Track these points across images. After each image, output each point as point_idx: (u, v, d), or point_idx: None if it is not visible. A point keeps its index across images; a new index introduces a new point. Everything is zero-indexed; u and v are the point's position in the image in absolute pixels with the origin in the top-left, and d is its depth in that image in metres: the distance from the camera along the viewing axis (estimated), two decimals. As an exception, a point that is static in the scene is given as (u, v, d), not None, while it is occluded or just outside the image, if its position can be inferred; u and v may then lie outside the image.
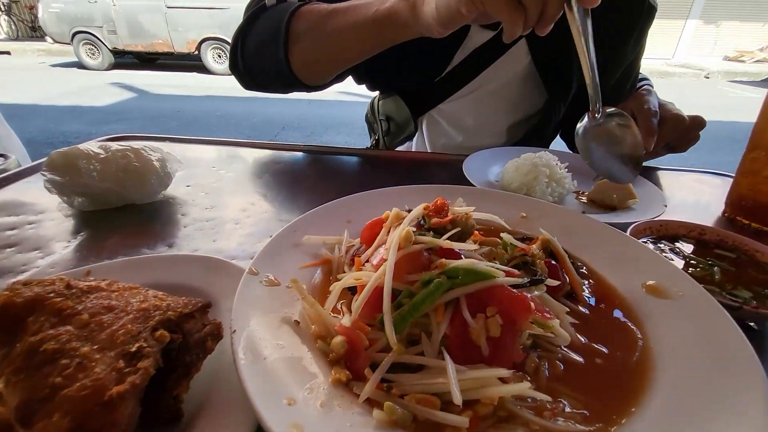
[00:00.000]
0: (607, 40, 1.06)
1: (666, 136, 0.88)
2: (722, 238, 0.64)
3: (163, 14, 9.00)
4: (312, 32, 0.85)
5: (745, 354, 0.39)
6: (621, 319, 0.48)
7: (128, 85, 7.91)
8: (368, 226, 0.53)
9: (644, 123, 0.86)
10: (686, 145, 0.93)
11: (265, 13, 0.94)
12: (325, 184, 0.92)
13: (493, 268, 0.43)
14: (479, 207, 0.70)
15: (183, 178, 0.88)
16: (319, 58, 0.90)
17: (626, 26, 1.08)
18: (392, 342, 0.38)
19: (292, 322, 0.44)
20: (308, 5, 0.88)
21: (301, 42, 0.88)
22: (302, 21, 0.86)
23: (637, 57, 1.18)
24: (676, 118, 0.88)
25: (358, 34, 0.81)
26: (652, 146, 0.86)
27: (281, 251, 0.54)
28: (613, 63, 1.11)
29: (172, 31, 9.14)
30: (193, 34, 9.07)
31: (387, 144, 1.58)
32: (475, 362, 0.39)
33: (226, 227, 0.71)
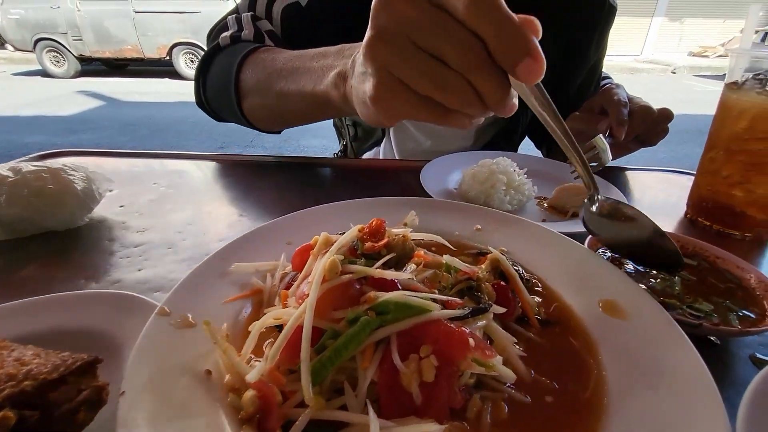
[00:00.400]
0: (570, 43, 1.05)
1: (635, 129, 0.87)
2: (683, 244, 0.61)
3: (131, 19, 8.72)
4: (260, 92, 0.84)
5: (704, 384, 0.35)
6: (575, 345, 0.44)
7: (96, 92, 7.62)
8: (299, 252, 0.48)
9: (615, 113, 0.85)
10: (656, 138, 0.92)
11: (219, 55, 0.94)
12: (278, 198, 0.86)
13: (428, 301, 0.38)
14: (434, 219, 0.66)
15: (117, 197, 0.81)
16: (270, 116, 0.91)
17: (588, 28, 1.07)
18: (307, 397, 0.33)
19: (203, 372, 0.38)
20: (254, 55, 0.86)
21: (251, 98, 0.87)
22: (250, 75, 0.84)
23: (600, 57, 1.17)
24: (645, 110, 0.87)
25: (302, 104, 0.78)
26: (623, 136, 0.84)
27: (204, 284, 0.48)
28: (576, 67, 1.11)
29: (141, 36, 8.86)
30: (164, 39, 8.82)
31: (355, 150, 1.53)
32: (407, 413, 0.34)
33: (157, 253, 0.65)
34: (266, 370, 0.36)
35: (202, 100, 1.01)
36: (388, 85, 0.43)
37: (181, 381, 0.37)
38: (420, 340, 0.36)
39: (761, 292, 0.53)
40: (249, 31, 0.92)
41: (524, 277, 0.53)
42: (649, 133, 0.90)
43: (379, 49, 0.42)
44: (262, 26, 0.94)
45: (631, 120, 0.86)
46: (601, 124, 0.86)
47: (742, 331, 0.46)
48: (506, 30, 0.36)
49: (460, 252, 0.59)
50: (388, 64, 0.42)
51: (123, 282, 0.58)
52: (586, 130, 0.90)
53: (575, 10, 1.03)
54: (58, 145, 5.18)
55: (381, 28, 0.41)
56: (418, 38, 0.39)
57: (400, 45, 0.40)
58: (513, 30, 0.36)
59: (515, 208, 0.76)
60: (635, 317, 0.45)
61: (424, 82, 0.41)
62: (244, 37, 0.92)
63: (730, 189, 0.71)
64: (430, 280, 0.47)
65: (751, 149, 0.66)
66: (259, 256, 0.54)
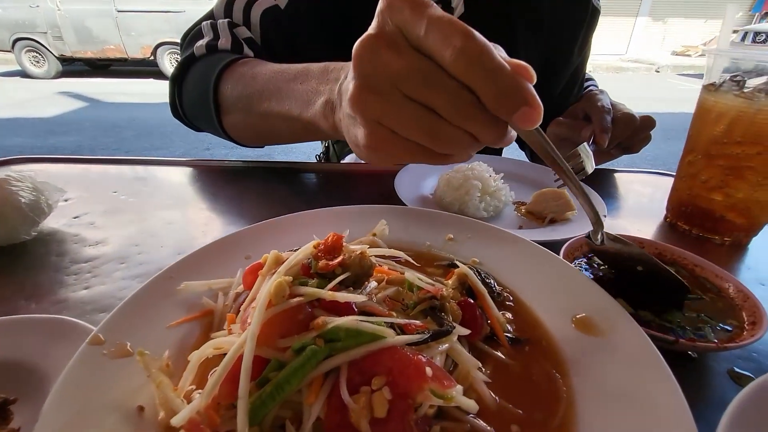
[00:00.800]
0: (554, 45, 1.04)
1: (618, 136, 0.86)
2: (660, 251, 0.59)
3: (114, 18, 8.52)
4: (242, 110, 0.78)
5: (678, 413, 0.33)
6: (546, 367, 0.41)
7: (78, 93, 7.43)
8: (249, 271, 0.44)
9: (598, 120, 0.84)
10: (638, 145, 0.91)
11: (195, 65, 0.88)
12: (248, 206, 0.82)
13: (382, 326, 0.35)
14: (405, 228, 0.63)
15: (71, 208, 0.76)
16: (254, 135, 0.86)
17: (571, 32, 1.07)
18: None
19: (135, 409, 0.35)
20: (233, 68, 0.80)
21: (232, 115, 0.82)
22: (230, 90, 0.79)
23: (584, 60, 1.17)
24: (628, 118, 0.86)
25: (290, 127, 0.73)
26: (606, 143, 0.83)
27: (148, 306, 0.44)
28: (559, 69, 1.10)
29: (124, 36, 8.67)
30: (148, 38, 8.64)
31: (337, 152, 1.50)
32: (357, 452, 0.31)
33: (108, 269, 0.60)
34: (202, 407, 0.32)
35: (177, 109, 0.95)
36: (380, 136, 0.41)
37: (108, 421, 0.33)
38: (373, 370, 0.33)
39: (740, 302, 0.51)
40: (226, 39, 0.86)
41: (495, 291, 0.50)
42: (631, 141, 0.89)
43: (367, 101, 0.39)
44: (239, 34, 0.88)
45: (614, 127, 0.86)
46: (585, 130, 0.85)
47: (719, 347, 0.44)
48: (499, 81, 0.34)
49: (430, 264, 0.56)
50: (377, 116, 0.40)
51: (67, 302, 0.54)
52: (570, 136, 0.89)
53: (559, 12, 1.02)
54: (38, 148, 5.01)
55: (367, 78, 0.39)
56: (406, 89, 0.37)
57: (388, 96, 0.38)
58: (506, 81, 0.34)
59: (491, 214, 0.73)
60: (610, 335, 0.42)
61: (417, 133, 0.39)
62: (220, 46, 0.86)
63: (709, 193, 0.69)
64: (392, 299, 0.44)
65: (729, 153, 0.65)
66: (214, 274, 0.50)
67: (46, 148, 4.72)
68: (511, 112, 0.34)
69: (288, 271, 0.39)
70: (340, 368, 0.33)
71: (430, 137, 0.39)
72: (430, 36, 0.34)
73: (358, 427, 0.31)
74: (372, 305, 0.39)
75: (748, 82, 0.62)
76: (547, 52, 1.05)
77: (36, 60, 8.75)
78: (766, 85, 0.60)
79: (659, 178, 1.01)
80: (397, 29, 0.36)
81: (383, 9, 0.36)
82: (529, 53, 1.03)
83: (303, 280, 0.39)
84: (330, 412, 0.32)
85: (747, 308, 0.49)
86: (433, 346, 0.37)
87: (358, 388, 0.32)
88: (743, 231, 0.69)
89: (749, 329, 0.46)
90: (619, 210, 0.85)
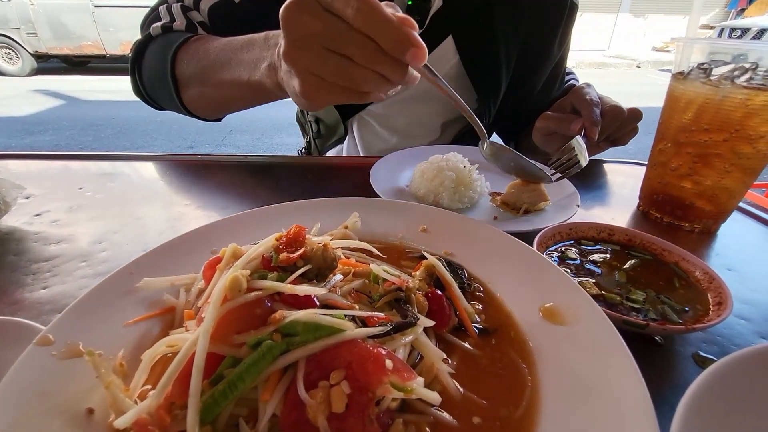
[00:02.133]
0: (533, 40, 1.04)
1: (606, 129, 0.86)
2: (630, 237, 0.60)
3: (91, 14, 8.27)
4: (198, 83, 0.86)
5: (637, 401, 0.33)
6: (512, 356, 0.40)
7: (55, 91, 7.19)
8: (208, 265, 0.43)
9: (588, 114, 0.84)
10: (626, 138, 0.91)
11: (152, 45, 0.93)
12: (219, 202, 0.80)
13: (342, 319, 0.34)
14: (378, 220, 0.62)
15: (33, 205, 0.73)
16: (210, 105, 0.92)
17: (551, 26, 1.07)
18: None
19: (84, 412, 0.33)
20: (187, 45, 0.86)
21: (190, 89, 0.88)
22: (186, 66, 0.85)
23: (563, 55, 1.17)
24: (615, 110, 0.86)
25: (241, 92, 0.80)
26: (596, 136, 0.83)
27: (105, 304, 0.42)
28: (540, 64, 1.10)
29: (102, 31, 8.41)
30: (127, 34, 8.40)
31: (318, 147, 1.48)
32: (314, 448, 0.30)
33: (68, 267, 0.58)
34: (153, 407, 0.31)
35: (139, 89, 0.99)
36: (312, 83, 0.52)
37: (54, 425, 0.32)
38: (332, 364, 0.32)
39: (705, 284, 0.52)
40: (180, 22, 0.90)
41: (466, 282, 0.50)
42: (619, 133, 0.90)
43: (296, 56, 0.51)
44: (193, 17, 0.92)
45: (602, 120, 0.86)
46: (575, 124, 0.84)
47: (688, 329, 0.44)
48: (390, 31, 0.45)
49: (402, 256, 0.56)
50: (306, 67, 0.51)
51: (23, 303, 0.51)
52: (558, 129, 0.89)
53: (537, 7, 1.02)
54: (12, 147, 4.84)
55: (294, 38, 0.50)
56: (325, 43, 0.48)
57: (312, 51, 0.49)
58: (395, 30, 0.45)
59: (467, 206, 0.72)
60: (575, 323, 0.42)
61: (339, 77, 0.50)
62: (175, 27, 0.90)
63: (679, 181, 0.70)
64: (358, 292, 0.43)
65: (697, 140, 0.65)
66: (178, 270, 0.49)
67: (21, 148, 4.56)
68: (403, 53, 0.46)
69: (247, 264, 0.38)
70: (298, 363, 0.32)
71: (350, 80, 0.49)
72: (336, 1, 0.46)
73: (316, 423, 0.30)
74: (335, 298, 0.38)
75: (714, 71, 0.63)
76: (527, 46, 1.05)
77: (9, 57, 8.43)
78: (731, 73, 0.61)
79: (633, 167, 1.02)
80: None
81: None
82: (508, 47, 1.03)
83: (263, 273, 0.38)
84: (287, 409, 0.31)
85: (713, 290, 0.49)
86: (396, 338, 0.37)
87: (317, 384, 0.32)
88: (712, 218, 0.70)
89: (715, 310, 0.46)
90: (593, 199, 0.85)
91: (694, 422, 0.31)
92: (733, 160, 0.63)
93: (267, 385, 0.31)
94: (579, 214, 0.69)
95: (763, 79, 0.59)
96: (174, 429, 0.30)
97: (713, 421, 0.33)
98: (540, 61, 1.10)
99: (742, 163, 0.64)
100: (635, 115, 0.89)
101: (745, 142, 0.62)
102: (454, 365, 0.39)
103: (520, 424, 0.34)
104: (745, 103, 0.60)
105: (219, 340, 0.33)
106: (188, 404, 0.30)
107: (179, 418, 0.31)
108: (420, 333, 0.38)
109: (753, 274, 0.62)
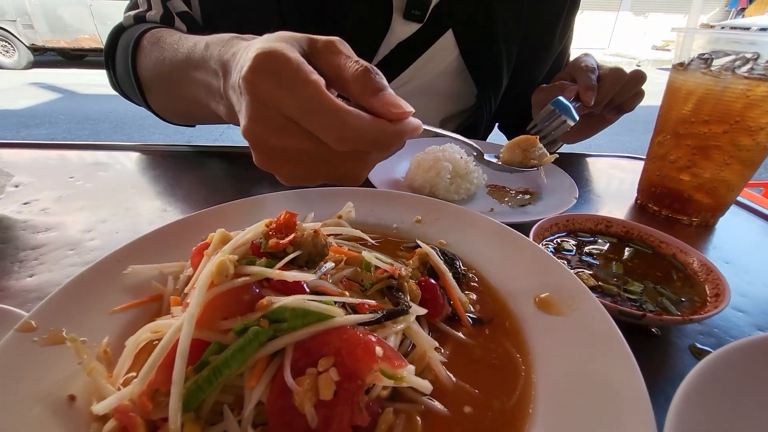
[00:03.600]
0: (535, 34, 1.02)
1: (606, 93, 0.81)
2: (628, 229, 0.59)
3: (88, 6, 8.19)
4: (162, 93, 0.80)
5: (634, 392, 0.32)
6: (506, 346, 0.40)
7: (51, 85, 7.13)
8: (197, 251, 0.42)
9: (582, 79, 0.81)
10: (632, 102, 0.86)
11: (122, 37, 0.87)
12: (210, 191, 0.79)
13: (331, 306, 0.33)
14: (373, 210, 0.61)
15: (22, 193, 0.72)
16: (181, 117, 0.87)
17: (552, 18, 1.05)
18: (173, 428, 0.27)
19: (65, 398, 0.32)
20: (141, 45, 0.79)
21: (154, 96, 0.83)
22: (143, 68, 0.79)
23: (566, 47, 1.16)
24: (615, 72, 0.82)
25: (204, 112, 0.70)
26: (592, 101, 0.80)
27: (90, 291, 0.41)
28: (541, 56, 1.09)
29: (99, 24, 8.34)
30: (124, 28, 8.33)
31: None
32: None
33: (56, 255, 0.57)
34: (135, 394, 0.30)
35: (116, 83, 0.94)
36: (268, 157, 0.48)
37: (33, 411, 0.31)
38: (320, 351, 0.31)
39: (703, 276, 0.51)
40: (156, 11, 0.84)
41: (461, 271, 0.49)
42: (622, 97, 0.84)
43: (256, 128, 0.46)
44: (173, 7, 0.85)
45: (602, 84, 0.82)
46: (568, 91, 0.81)
47: (685, 320, 0.44)
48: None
49: (396, 247, 0.55)
50: (265, 138, 0.46)
51: (8, 290, 0.50)
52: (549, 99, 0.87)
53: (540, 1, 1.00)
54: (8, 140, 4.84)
55: (255, 109, 0.45)
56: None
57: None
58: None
59: (463, 197, 0.72)
60: (571, 314, 0.41)
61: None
62: (149, 17, 0.85)
63: (678, 174, 0.69)
64: (350, 280, 0.42)
65: (697, 132, 0.64)
66: (168, 258, 0.48)
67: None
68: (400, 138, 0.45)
69: (235, 250, 0.37)
70: (285, 350, 0.31)
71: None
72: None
73: (302, 410, 0.29)
74: (325, 285, 0.37)
75: (715, 61, 0.62)
76: (527, 38, 1.04)
77: (5, 49, 8.36)
78: (732, 64, 0.60)
79: (631, 162, 1.02)
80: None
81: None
82: (508, 40, 1.02)
83: (251, 259, 0.37)
84: (273, 396, 0.30)
85: (710, 281, 0.49)
86: (388, 325, 0.36)
87: (305, 371, 0.31)
88: (710, 211, 0.69)
89: (712, 301, 0.46)
90: (590, 193, 0.84)
91: (690, 413, 0.31)
92: (733, 152, 0.63)
93: (253, 371, 0.31)
94: (576, 207, 0.68)
95: (764, 70, 0.58)
96: (156, 416, 0.29)
97: (709, 412, 0.32)
98: (541, 53, 1.09)
99: (742, 156, 0.63)
100: (638, 77, 0.83)
101: (745, 134, 0.61)
102: (446, 354, 0.38)
103: (512, 414, 0.33)
104: (746, 94, 0.59)
105: (204, 326, 0.32)
106: (171, 391, 0.29)
107: (162, 404, 0.30)
108: (412, 321, 0.37)
109: (750, 267, 0.61)
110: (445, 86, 1.06)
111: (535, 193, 0.75)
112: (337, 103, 0.41)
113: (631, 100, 0.85)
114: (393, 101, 0.43)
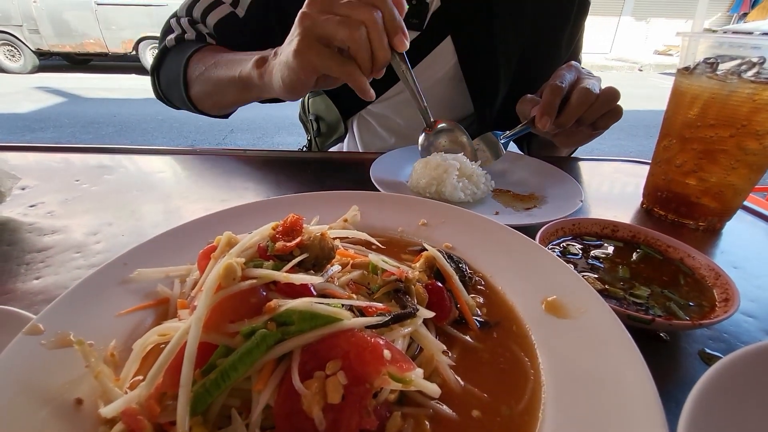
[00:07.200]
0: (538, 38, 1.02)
1: (572, 113, 0.78)
2: (634, 233, 0.59)
3: (93, 12, 8.27)
4: (201, 80, 0.93)
5: (645, 396, 0.31)
6: (514, 350, 0.39)
7: (56, 89, 7.19)
8: (203, 254, 0.42)
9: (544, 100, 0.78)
10: (605, 122, 0.81)
11: (169, 54, 1.02)
12: (217, 195, 0.79)
13: (339, 308, 0.33)
14: (379, 214, 0.61)
15: (29, 196, 0.72)
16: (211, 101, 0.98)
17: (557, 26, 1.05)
18: (181, 431, 0.27)
19: (72, 401, 0.32)
20: (200, 53, 0.94)
21: (194, 87, 0.96)
22: (193, 68, 0.94)
23: (575, 53, 1.15)
24: (582, 93, 0.77)
25: (231, 88, 0.87)
26: (546, 126, 0.77)
27: (97, 294, 0.41)
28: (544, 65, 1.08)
29: (104, 29, 8.42)
30: (129, 33, 8.41)
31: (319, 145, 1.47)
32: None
33: (62, 258, 0.57)
34: (143, 397, 0.30)
35: (160, 94, 1.09)
36: (308, 41, 0.64)
37: (39, 414, 0.31)
38: (328, 354, 0.31)
39: (711, 280, 0.50)
40: (191, 33, 0.99)
41: (467, 275, 0.49)
42: (593, 117, 0.79)
43: (306, 15, 0.64)
44: (201, 29, 1.00)
45: (567, 105, 0.78)
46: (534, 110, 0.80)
47: (695, 324, 0.43)
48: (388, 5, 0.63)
49: (402, 250, 0.55)
50: (312, 25, 0.63)
51: (15, 293, 0.50)
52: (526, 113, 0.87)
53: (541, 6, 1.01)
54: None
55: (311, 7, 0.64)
56: (337, 10, 0.62)
57: (323, 9, 0.63)
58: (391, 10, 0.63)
59: (469, 200, 0.71)
60: (579, 317, 0.41)
61: (338, 32, 0.62)
62: (187, 38, 1.00)
63: (684, 178, 0.69)
64: (357, 283, 0.42)
65: (703, 136, 0.64)
66: (174, 261, 0.48)
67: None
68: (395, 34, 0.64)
69: (242, 253, 0.37)
70: (293, 353, 0.31)
71: (346, 38, 0.61)
72: None
73: (311, 414, 0.29)
74: (332, 288, 0.37)
75: (721, 66, 0.62)
76: (530, 44, 1.03)
77: (11, 54, 8.45)
78: (738, 68, 0.60)
79: (636, 166, 1.01)
80: None
81: None
82: (508, 47, 1.01)
83: (258, 261, 0.37)
84: (281, 399, 0.30)
85: (719, 286, 0.48)
86: (395, 329, 0.36)
87: (313, 374, 0.30)
88: (717, 215, 0.69)
89: (721, 306, 0.45)
90: (596, 197, 0.84)
91: (702, 419, 0.30)
92: (740, 156, 0.62)
93: (261, 375, 0.30)
94: (580, 212, 0.68)
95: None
96: (164, 419, 0.29)
97: (721, 418, 0.31)
98: (544, 62, 1.07)
99: (749, 160, 0.63)
100: (610, 96, 0.78)
101: (751, 138, 0.61)
102: (454, 358, 0.38)
103: (522, 418, 0.33)
104: (752, 98, 0.59)
105: (212, 329, 0.32)
106: (179, 394, 0.28)
107: (170, 408, 0.30)
108: (419, 325, 0.37)
109: (759, 271, 0.61)
110: (443, 94, 1.07)
111: (540, 197, 0.75)
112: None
113: (604, 119, 0.80)
114: None
